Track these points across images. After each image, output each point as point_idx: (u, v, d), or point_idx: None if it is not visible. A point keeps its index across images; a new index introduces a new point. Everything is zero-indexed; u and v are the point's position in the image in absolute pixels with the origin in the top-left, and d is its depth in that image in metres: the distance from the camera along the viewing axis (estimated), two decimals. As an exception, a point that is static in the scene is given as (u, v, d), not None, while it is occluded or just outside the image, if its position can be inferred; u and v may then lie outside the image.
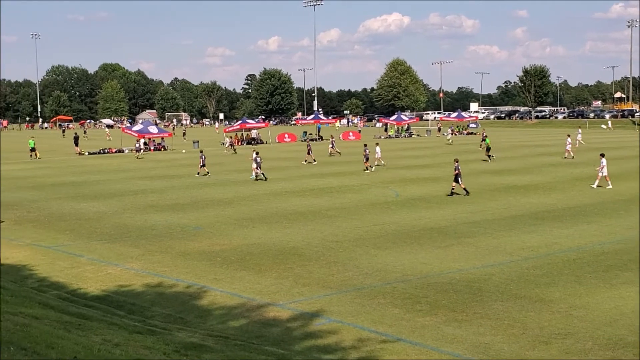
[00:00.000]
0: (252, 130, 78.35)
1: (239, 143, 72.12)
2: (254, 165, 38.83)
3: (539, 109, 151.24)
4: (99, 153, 65.22)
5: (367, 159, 43.28)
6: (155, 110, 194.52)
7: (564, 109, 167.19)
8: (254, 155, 38.86)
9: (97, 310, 15.17)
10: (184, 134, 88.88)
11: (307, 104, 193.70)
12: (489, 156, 49.47)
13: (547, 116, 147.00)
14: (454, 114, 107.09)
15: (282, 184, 37.54)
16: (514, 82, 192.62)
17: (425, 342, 13.04)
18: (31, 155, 58.68)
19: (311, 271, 18.42)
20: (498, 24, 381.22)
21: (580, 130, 66.31)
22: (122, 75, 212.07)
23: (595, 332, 13.33)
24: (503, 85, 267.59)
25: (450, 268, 18.42)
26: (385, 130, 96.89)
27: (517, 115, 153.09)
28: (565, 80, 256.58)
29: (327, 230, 23.91)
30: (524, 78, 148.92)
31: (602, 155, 34.23)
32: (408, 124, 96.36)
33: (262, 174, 38.71)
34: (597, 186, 33.27)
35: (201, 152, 43.45)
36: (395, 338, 13.26)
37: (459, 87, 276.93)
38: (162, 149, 67.73)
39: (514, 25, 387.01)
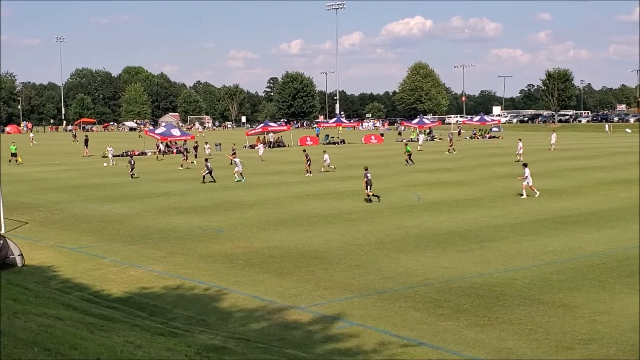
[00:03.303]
0: (270, 134, 78.18)
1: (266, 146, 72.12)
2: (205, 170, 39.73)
3: (562, 112, 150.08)
4: (122, 155, 65.62)
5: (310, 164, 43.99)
6: (177, 113, 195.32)
7: (588, 113, 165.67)
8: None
9: (119, 311, 15.27)
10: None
11: (329, 107, 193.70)
12: (407, 160, 50.20)
13: (571, 120, 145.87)
14: (477, 118, 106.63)
15: (304, 187, 37.56)
16: (537, 86, 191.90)
17: (447, 346, 12.99)
18: (10, 161, 55.13)
19: (333, 274, 18.41)
20: (521, 27, 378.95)
21: (554, 134, 66.52)
22: (145, 78, 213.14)
23: (619, 337, 13.19)
24: (526, 89, 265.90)
25: (473, 272, 18.33)
26: (399, 134, 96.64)
27: (540, 119, 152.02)
28: (589, 84, 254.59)
29: (348, 234, 23.88)
30: (547, 81, 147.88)
31: (525, 166, 33.14)
32: (430, 128, 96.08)
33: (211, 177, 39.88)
34: (527, 195, 31.83)
35: (206, 160, 42.85)
36: (417, 342, 13.21)
37: (481, 91, 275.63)
38: (184, 152, 67.90)
39: (537, 29, 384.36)
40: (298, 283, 17.68)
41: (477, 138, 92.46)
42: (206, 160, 41.51)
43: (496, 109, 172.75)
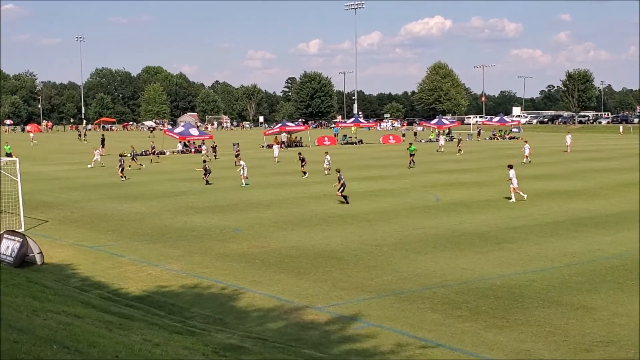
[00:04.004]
0: (283, 134, 78.20)
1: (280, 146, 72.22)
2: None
3: (582, 113, 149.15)
4: (141, 155, 65.92)
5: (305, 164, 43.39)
6: (196, 113, 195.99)
7: (608, 114, 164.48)
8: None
9: (137, 310, 15.34)
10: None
11: (347, 107, 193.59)
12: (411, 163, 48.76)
13: (591, 121, 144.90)
14: (496, 118, 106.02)
15: (321, 187, 37.54)
16: (557, 87, 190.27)
17: (465, 347, 12.93)
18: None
19: (350, 275, 18.39)
20: (541, 28, 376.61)
21: (569, 136, 65.39)
22: (165, 78, 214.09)
23: (638, 339, 13.08)
24: (546, 90, 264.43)
25: (491, 274, 18.24)
26: (415, 134, 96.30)
27: (560, 120, 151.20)
28: (609, 85, 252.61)
29: (366, 234, 23.85)
30: (567, 82, 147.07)
31: (510, 167, 31.92)
32: (449, 128, 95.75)
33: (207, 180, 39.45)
34: (517, 200, 31.01)
35: (204, 161, 43.00)
36: (435, 343, 13.16)
37: (501, 91, 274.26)
38: (203, 152, 68.15)
39: (557, 29, 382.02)
40: (315, 283, 17.67)
41: (497, 139, 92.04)
42: (204, 162, 41.72)
43: (516, 110, 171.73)
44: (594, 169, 46.14)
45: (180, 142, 68.73)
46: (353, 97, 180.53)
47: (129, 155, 50.27)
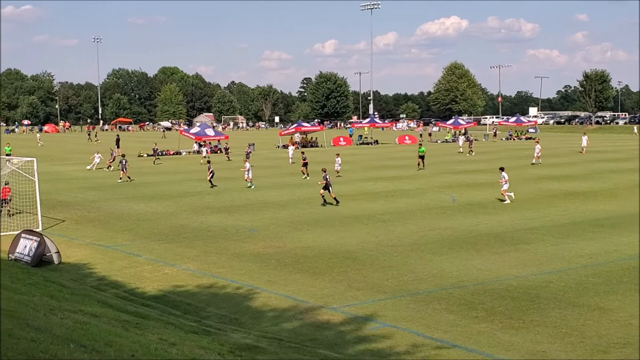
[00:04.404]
0: (295, 134, 78.19)
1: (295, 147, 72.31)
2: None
3: (599, 114, 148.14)
4: (160, 154, 66.16)
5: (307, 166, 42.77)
6: (212, 113, 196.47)
7: (625, 115, 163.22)
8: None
9: (154, 309, 15.40)
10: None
11: (362, 108, 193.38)
12: (420, 164, 47.21)
13: (608, 122, 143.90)
14: (513, 119, 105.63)
15: (336, 187, 37.43)
16: (574, 87, 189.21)
17: (481, 348, 12.89)
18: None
19: (365, 275, 18.38)
20: (558, 28, 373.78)
21: (585, 137, 64.34)
22: (181, 78, 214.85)
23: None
24: (563, 90, 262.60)
25: (507, 275, 18.17)
26: (430, 135, 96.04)
27: (577, 120, 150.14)
28: (627, 85, 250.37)
29: (381, 235, 23.82)
30: (585, 83, 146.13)
31: (502, 170, 31.63)
32: (465, 128, 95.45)
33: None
34: (501, 201, 30.89)
35: (209, 162, 41.87)
36: (451, 344, 13.13)
37: (517, 91, 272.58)
38: (218, 152, 68.36)
39: (574, 29, 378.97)
40: (330, 283, 17.67)
41: (514, 139, 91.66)
42: (208, 162, 41.22)
43: (532, 110, 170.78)
44: (611, 169, 45.83)
45: (196, 142, 68.96)
46: (369, 98, 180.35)
47: (147, 154, 50.56)
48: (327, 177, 31.20)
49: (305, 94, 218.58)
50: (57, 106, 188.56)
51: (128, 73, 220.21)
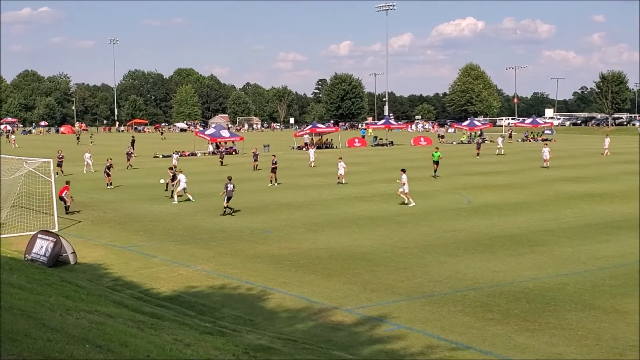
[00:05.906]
0: (305, 135, 78.15)
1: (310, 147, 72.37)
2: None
3: (616, 115, 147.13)
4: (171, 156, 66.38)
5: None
6: (227, 115, 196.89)
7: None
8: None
9: (169, 310, 15.46)
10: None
11: (377, 109, 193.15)
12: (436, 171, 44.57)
13: (625, 123, 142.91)
14: (529, 120, 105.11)
15: (351, 189, 37.53)
16: (591, 88, 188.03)
17: (496, 351, 12.85)
18: None
19: (380, 277, 18.36)
20: (574, 29, 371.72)
21: (607, 139, 63.49)
22: (196, 80, 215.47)
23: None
24: (579, 91, 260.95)
25: (523, 277, 18.10)
26: (442, 137, 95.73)
27: (593, 122, 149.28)
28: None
29: (396, 236, 23.79)
30: (601, 84, 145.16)
31: (403, 171, 31.51)
32: (481, 130, 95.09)
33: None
34: (404, 203, 30.87)
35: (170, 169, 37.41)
36: (465, 346, 13.09)
37: (533, 93, 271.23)
38: (234, 153, 68.57)
39: (590, 31, 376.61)
40: (345, 285, 17.67)
41: (530, 141, 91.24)
42: (170, 169, 37.44)
43: (549, 112, 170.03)
44: (628, 171, 45.50)
45: (211, 143, 69.19)
46: (384, 99, 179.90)
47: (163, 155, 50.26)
48: (229, 186, 29.18)
49: (320, 95, 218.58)
50: (73, 107, 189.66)
51: (144, 74, 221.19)
